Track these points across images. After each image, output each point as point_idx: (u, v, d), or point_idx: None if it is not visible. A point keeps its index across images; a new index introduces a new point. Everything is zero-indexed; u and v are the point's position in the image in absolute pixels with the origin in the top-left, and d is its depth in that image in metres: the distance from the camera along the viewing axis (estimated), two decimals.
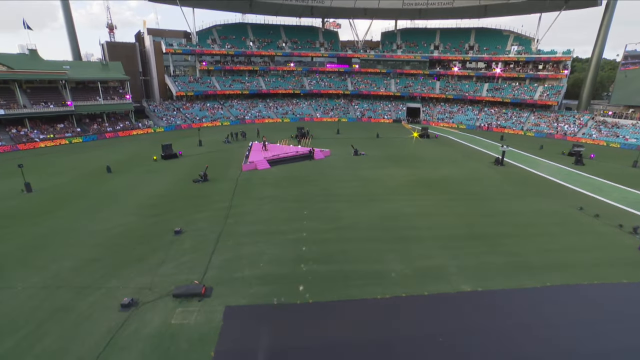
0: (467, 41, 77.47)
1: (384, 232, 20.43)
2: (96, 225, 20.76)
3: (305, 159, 36.20)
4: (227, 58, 75.52)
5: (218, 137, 49.01)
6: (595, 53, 63.24)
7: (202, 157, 37.47)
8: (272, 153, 35.91)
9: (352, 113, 73.78)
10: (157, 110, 62.21)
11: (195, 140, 45.45)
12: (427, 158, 39.13)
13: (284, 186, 28.18)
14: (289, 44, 79.43)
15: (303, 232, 20.11)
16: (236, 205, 23.98)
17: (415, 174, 32.52)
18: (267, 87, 75.21)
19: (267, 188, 27.70)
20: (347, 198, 25.89)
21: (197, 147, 42.42)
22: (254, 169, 32.60)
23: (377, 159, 37.74)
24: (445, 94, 73.81)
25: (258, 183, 28.95)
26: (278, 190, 27.26)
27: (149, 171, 32.48)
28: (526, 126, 61.36)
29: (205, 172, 29.03)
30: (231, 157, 37.34)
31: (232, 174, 31.50)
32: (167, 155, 36.26)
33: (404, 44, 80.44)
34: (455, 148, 45.51)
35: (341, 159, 37.65)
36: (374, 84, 79.21)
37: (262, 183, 28.97)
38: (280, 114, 70.19)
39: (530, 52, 68.87)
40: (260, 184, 28.81)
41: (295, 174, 31.58)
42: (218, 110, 67.25)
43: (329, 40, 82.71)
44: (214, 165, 33.47)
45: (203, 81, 70.93)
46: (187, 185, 28.23)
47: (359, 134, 53.15)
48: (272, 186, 28.18)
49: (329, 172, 32.54)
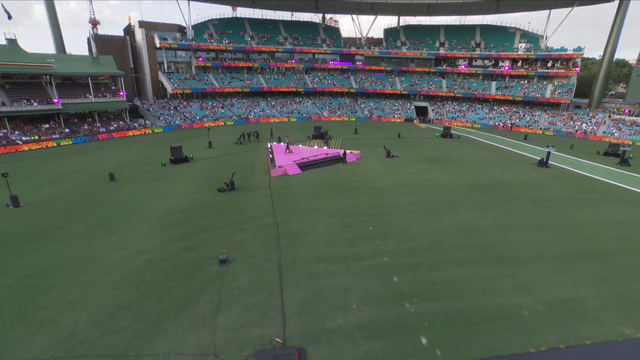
0: (472, 38, 74.79)
1: (477, 252, 16.39)
2: (111, 254, 15.78)
3: (336, 162, 31.84)
4: (225, 54, 70.29)
5: (227, 137, 43.97)
6: (608, 50, 61.46)
7: (217, 161, 32.57)
8: (300, 156, 31.34)
9: (360, 112, 69.75)
10: (153, 109, 56.39)
11: (203, 142, 40.33)
12: (464, 160, 35.41)
13: (328, 195, 23.72)
14: (289, 40, 74.72)
15: (383, 257, 15.80)
16: (283, 221, 19.39)
17: (463, 178, 28.68)
18: (268, 84, 70.32)
19: (310, 198, 23.19)
20: (406, 209, 21.74)
21: (207, 150, 37.35)
22: (284, 174, 28.01)
23: (413, 161, 33.75)
24: (454, 92, 70.80)
25: (296, 192, 24.39)
26: (324, 200, 22.79)
27: (159, 178, 27.38)
28: (541, 125, 58.86)
29: (232, 179, 24.23)
30: (251, 161, 32.56)
31: (260, 180, 26.81)
32: (177, 159, 31.18)
33: (408, 41, 77.09)
34: (485, 149, 42.03)
35: (375, 161, 33.47)
36: (378, 82, 75.51)
37: (301, 192, 24.43)
38: (285, 113, 65.44)
39: (540, 50, 66.69)
40: (299, 192, 24.25)
41: (334, 180, 27.17)
42: (218, 109, 61.91)
43: (330, 37, 78.47)
44: (235, 170, 28.72)
45: (200, 78, 65.41)
46: (212, 196, 23.38)
47: (378, 134, 49.15)
48: (314, 195, 23.69)
49: (369, 177, 28.29)
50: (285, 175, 27.88)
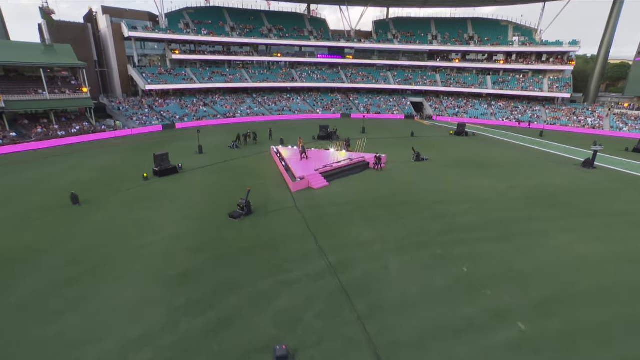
0: (465, 31, 71.29)
1: (628, 308, 11.27)
2: (83, 344, 9.23)
3: (362, 169, 26.12)
4: (203, 47, 62.47)
5: (218, 140, 37.00)
6: (604, 44, 59.66)
7: (214, 171, 25.88)
8: (319, 163, 25.29)
9: (354, 108, 64.32)
10: (123, 108, 48.02)
11: (190, 146, 33.29)
12: (500, 162, 30.80)
13: (377, 217, 17.95)
14: (274, 32, 67.88)
15: (514, 321, 10.34)
16: (340, 263, 13.45)
17: (516, 186, 23.86)
18: (253, 80, 63.30)
19: (357, 222, 17.32)
20: (482, 233, 16.48)
21: (197, 156, 30.38)
22: (308, 188, 21.92)
23: (447, 165, 28.65)
24: (452, 86, 67.02)
25: (334, 213, 18.43)
26: (376, 224, 17.01)
27: (143, 198, 20.45)
28: (545, 120, 56.03)
29: (247, 199, 17.87)
30: (257, 170, 26.12)
31: (279, 197, 20.58)
32: (163, 170, 24.21)
33: (400, 34, 72.45)
34: (512, 148, 37.51)
35: (405, 166, 28.06)
36: (371, 77, 70.41)
37: (340, 212, 18.49)
38: (275, 111, 58.77)
39: (535, 43, 64.12)
40: (338, 214, 18.31)
41: (372, 194, 21.43)
42: (200, 107, 54.27)
43: (317, 29, 72.30)
44: (240, 183, 22.32)
45: (176, 73, 57.34)
46: (224, 224, 16.94)
47: (388, 133, 43.88)
48: (360, 218, 17.84)
49: (411, 187, 22.77)
50: (309, 189, 21.82)
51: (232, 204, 18.81)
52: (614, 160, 32.38)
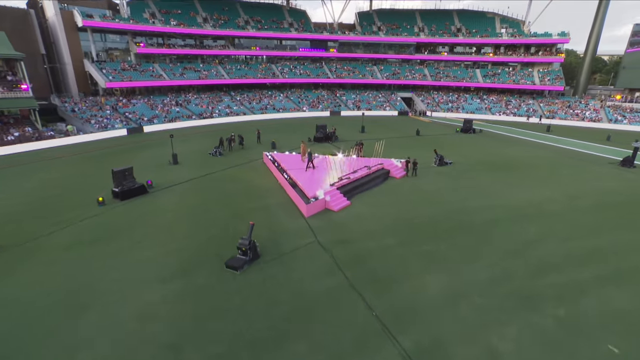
0: (451, 23, 67.64)
1: None
2: None
3: (384, 179, 20.85)
4: (173, 40, 55.03)
5: (196, 145, 30.52)
6: (593, 36, 57.76)
7: (195, 189, 19.70)
8: (330, 173, 19.75)
9: (343, 105, 59.04)
10: (79, 109, 40.18)
11: (163, 154, 26.75)
12: (528, 163, 26.50)
13: (437, 253, 12.65)
14: (251, 24, 61.22)
15: None
16: (423, 352, 8.07)
17: (573, 194, 19.47)
18: (230, 76, 56.57)
19: (413, 265, 11.93)
20: (585, 273, 11.73)
21: (171, 168, 23.92)
22: (325, 210, 16.36)
23: (474, 170, 23.91)
24: (442, 80, 63.21)
25: (372, 250, 12.92)
26: (441, 267, 11.74)
27: (96, 238, 14.08)
28: (541, 114, 53.21)
29: (251, 237, 12.01)
30: (250, 186, 20.10)
31: (289, 226, 14.85)
32: (125, 191, 17.81)
33: (385, 26, 67.79)
34: (529, 146, 33.29)
35: (428, 172, 23.00)
36: (357, 71, 65.38)
37: (381, 248, 13.03)
38: (257, 110, 52.39)
39: (524, 35, 61.36)
40: (378, 251, 12.83)
41: (413, 215, 16.13)
42: (172, 107, 47.04)
43: (297, 21, 66.22)
44: (233, 206, 16.49)
45: (143, 69, 49.69)
46: (220, 283, 10.97)
47: (390, 132, 38.85)
48: (414, 257, 12.44)
49: (454, 204, 17.65)
50: (327, 210, 16.27)
51: (226, 241, 13.00)
52: None
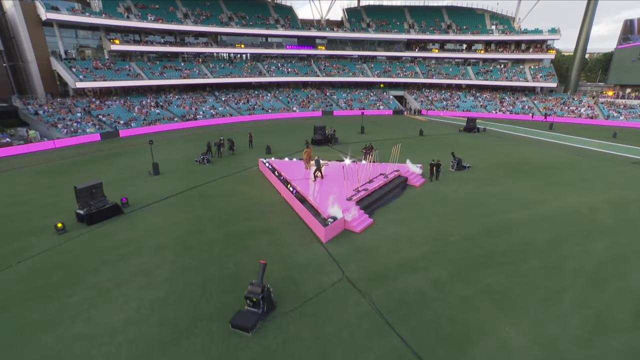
0: (441, 20, 65.77)
1: None
2: None
3: (403, 188, 18.01)
4: (151, 37, 50.73)
5: (179, 152, 26.93)
6: (583, 33, 56.92)
7: (180, 206, 16.23)
8: (338, 183, 16.74)
9: (335, 105, 56.10)
10: (45, 112, 35.65)
11: (141, 163, 23.08)
12: (547, 164, 24.23)
13: (503, 288, 9.80)
14: (235, 20, 57.46)
15: None
16: None
17: (616, 201, 17.17)
18: (214, 75, 52.70)
19: (483, 309, 9.06)
20: None
21: (151, 180, 20.25)
22: (344, 231, 13.32)
23: (495, 174, 21.42)
24: (434, 78, 61.25)
25: (420, 286, 9.96)
26: (516, 309, 8.91)
27: (41, 290, 10.50)
28: (536, 113, 51.86)
29: (262, 281, 8.85)
30: (248, 201, 16.72)
31: (305, 257, 11.67)
32: (93, 213, 14.22)
33: (374, 23, 65.20)
34: (539, 145, 31.05)
35: (447, 177, 20.34)
36: (346, 69, 62.60)
37: (430, 283, 10.09)
38: (245, 111, 48.76)
39: (515, 32, 60.09)
40: (428, 288, 9.90)
41: (452, 232, 13.35)
42: (151, 108, 42.88)
43: (284, 17, 62.83)
44: (230, 229, 13.27)
45: (118, 68, 45.25)
46: (228, 352, 7.87)
47: (391, 132, 36.14)
48: (478, 296, 9.56)
49: (493, 216, 14.96)
50: (348, 232, 13.24)
51: (226, 284, 9.83)
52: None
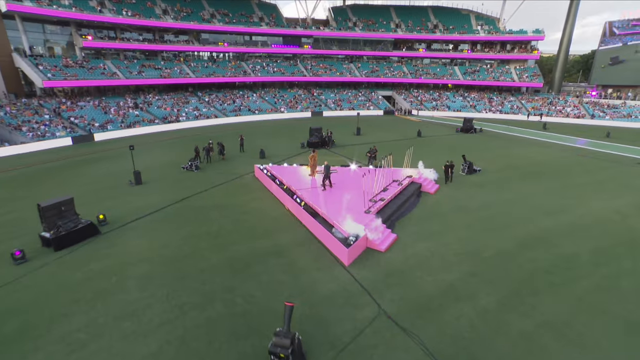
0: (428, 20, 65.20)
1: None
2: None
3: (418, 195, 16.34)
4: (128, 34, 47.37)
5: (163, 157, 24.31)
6: (566, 34, 57.59)
7: (169, 223, 13.83)
8: (345, 191, 14.86)
9: (324, 106, 54.21)
10: (7, 114, 31.99)
11: (120, 171, 20.42)
12: (555, 166, 23.24)
13: (577, 326, 8.20)
14: (217, 17, 54.70)
15: None
16: None
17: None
18: (196, 74, 49.81)
19: (565, 355, 7.39)
20: None
21: (132, 190, 17.68)
22: (366, 250, 11.43)
23: (511, 177, 20.08)
24: (423, 78, 60.47)
25: (478, 325, 8.18)
26: (598, 352, 7.32)
27: None
28: (525, 112, 51.81)
29: (290, 328, 6.87)
30: (248, 215, 14.49)
31: (329, 286, 9.65)
32: (61, 235, 11.69)
33: (360, 22, 63.84)
34: (539, 146, 30.01)
35: (460, 182, 18.86)
36: (333, 69, 60.93)
37: (486, 319, 8.35)
38: (230, 112, 46.12)
39: (501, 32, 60.18)
40: (487, 329, 8.13)
41: (486, 246, 11.71)
42: (129, 109, 39.63)
43: (268, 15, 60.48)
44: (232, 252, 11.12)
45: (92, 66, 41.75)
46: None
47: (388, 133, 34.58)
48: (548, 334, 7.87)
49: (524, 226, 13.49)
50: (371, 252, 11.34)
51: (239, 331, 7.72)
52: None
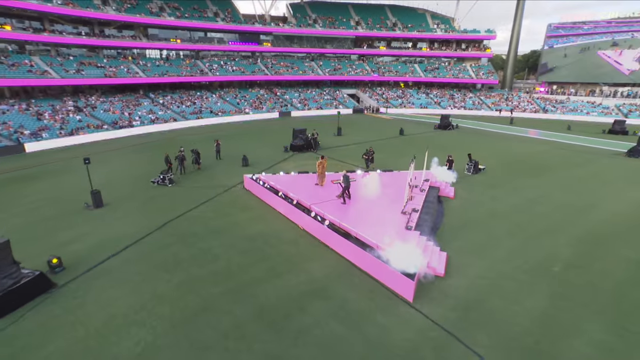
0: (386, 18, 65.23)
1: None
2: None
3: (439, 201, 14.49)
4: (59, 26, 40.58)
5: (122, 169, 19.93)
6: (515, 33, 60.81)
7: (149, 261, 10.34)
8: (360, 204, 12.54)
9: (290, 106, 51.29)
10: None
11: (69, 190, 16.04)
12: (544, 161, 23.07)
13: None
14: (167, 11, 49.34)
15: None
16: None
17: None
18: (147, 73, 44.25)
19: None
20: None
21: (92, 217, 13.60)
22: (426, 277, 9.12)
23: (518, 175, 19.13)
24: (386, 75, 60.20)
25: None
26: None
27: None
28: (486, 108, 53.57)
29: None
30: (254, 242, 11.44)
31: (406, 338, 7.22)
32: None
33: (320, 19, 61.93)
34: (518, 141, 30.17)
35: (473, 184, 17.43)
36: (295, 67, 58.26)
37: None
38: (190, 114, 41.38)
39: (456, 31, 61.98)
40: None
41: (542, 256, 10.06)
42: (68, 114, 33.45)
43: (223, 10, 56.02)
44: (252, 309, 8.22)
45: (14, 62, 34.69)
46: None
47: (369, 133, 32.74)
48: None
49: (581, 231, 12.22)
50: (431, 278, 9.06)
51: None
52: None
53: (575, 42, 56.06)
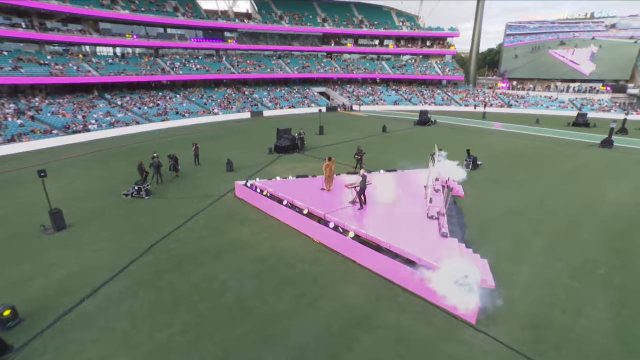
0: (352, 15, 64.71)
1: None
2: None
3: (454, 202, 13.52)
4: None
5: (83, 183, 16.92)
6: (476, 31, 62.94)
7: (143, 305, 8.25)
8: (373, 209, 11.26)
9: (261, 105, 48.88)
10: None
11: (19, 209, 13.08)
12: (531, 155, 23.30)
13: None
14: (121, 4, 44.92)
15: None
16: None
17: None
18: (101, 72, 39.85)
19: None
20: None
21: (53, 243, 10.99)
22: (488, 291, 7.94)
23: (512, 170, 18.85)
24: (354, 72, 59.62)
25: None
26: None
27: None
28: (455, 103, 54.75)
29: None
30: (274, 264, 9.70)
31: None
32: None
33: (286, 15, 59.97)
34: (497, 135, 30.80)
35: (475, 180, 16.77)
36: (263, 65, 55.87)
37: None
38: (154, 116, 37.71)
39: (421, 29, 62.88)
40: None
41: (580, 259, 9.37)
42: (8, 117, 28.77)
43: (184, 4, 52.27)
44: (281, 346, 6.56)
45: None
46: None
47: (350, 132, 31.47)
48: None
49: (606, 227, 11.76)
50: (486, 292, 7.89)
51: None
52: (598, 137, 29.37)
53: (523, 41, 59.24)
